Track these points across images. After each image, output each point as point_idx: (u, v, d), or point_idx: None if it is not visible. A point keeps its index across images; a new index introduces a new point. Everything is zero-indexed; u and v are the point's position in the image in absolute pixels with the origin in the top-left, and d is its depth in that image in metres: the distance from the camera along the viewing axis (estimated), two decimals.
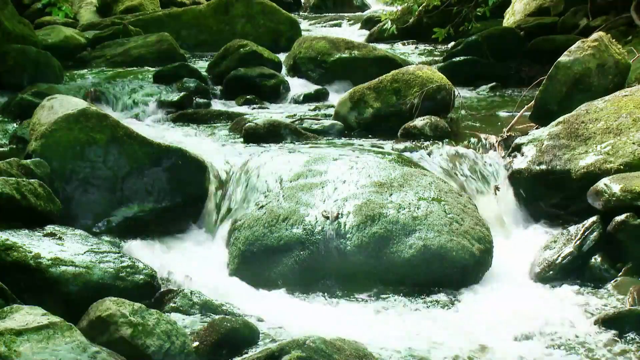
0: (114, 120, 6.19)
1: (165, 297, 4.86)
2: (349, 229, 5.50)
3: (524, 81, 9.70)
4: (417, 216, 5.55)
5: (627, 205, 5.43)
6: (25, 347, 3.57)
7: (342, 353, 3.95)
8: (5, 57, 9.20)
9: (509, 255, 5.76)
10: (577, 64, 7.19)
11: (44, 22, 13.52)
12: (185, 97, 8.95)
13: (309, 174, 6.04)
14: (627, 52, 7.91)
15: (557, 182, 6.25)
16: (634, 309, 4.72)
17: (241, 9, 12.78)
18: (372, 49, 10.50)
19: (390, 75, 7.99)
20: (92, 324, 4.04)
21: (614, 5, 10.72)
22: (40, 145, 5.95)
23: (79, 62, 11.01)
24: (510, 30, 11.45)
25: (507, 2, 12.97)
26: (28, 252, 4.69)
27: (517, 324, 4.77)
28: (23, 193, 5.18)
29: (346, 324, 4.77)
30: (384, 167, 6.07)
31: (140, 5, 15.42)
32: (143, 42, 11.18)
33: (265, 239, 5.58)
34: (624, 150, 6.10)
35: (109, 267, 4.81)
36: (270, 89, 9.56)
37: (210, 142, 7.43)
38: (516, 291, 5.34)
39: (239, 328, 4.36)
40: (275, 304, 5.16)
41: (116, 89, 9.21)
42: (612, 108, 6.51)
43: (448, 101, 7.87)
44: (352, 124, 7.80)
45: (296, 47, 10.64)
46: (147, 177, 6.10)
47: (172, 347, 4.04)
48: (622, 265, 5.40)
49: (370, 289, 5.33)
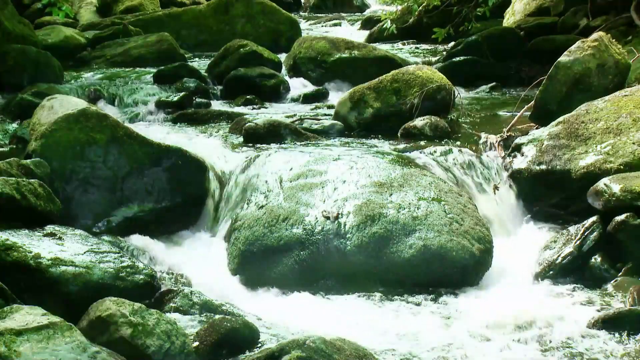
0: (114, 120, 6.20)
1: (165, 297, 4.86)
2: (349, 229, 5.50)
3: (524, 81, 9.69)
4: (417, 216, 5.55)
5: (627, 205, 5.44)
6: (25, 347, 3.57)
7: (342, 353, 3.95)
8: (5, 57, 9.20)
9: (509, 255, 5.76)
10: (577, 64, 7.18)
11: (44, 22, 13.51)
12: (185, 97, 8.94)
13: (309, 174, 6.04)
14: (627, 52, 7.91)
15: (557, 182, 6.26)
16: (634, 309, 4.72)
17: (241, 9, 12.79)
18: (372, 49, 10.50)
19: (390, 75, 7.98)
20: (92, 324, 4.05)
21: (614, 5, 10.71)
22: (40, 145, 5.95)
23: (79, 62, 11.01)
24: (510, 30, 11.44)
25: (507, 2, 12.97)
26: (28, 252, 4.69)
27: (517, 324, 4.77)
28: (23, 193, 5.18)
29: (346, 324, 4.77)
30: (384, 167, 6.07)
31: (140, 5, 15.42)
32: (143, 42, 11.18)
33: (265, 239, 5.58)
34: (624, 150, 6.10)
35: (109, 267, 4.81)
36: (270, 89, 9.55)
37: (210, 142, 7.42)
38: (516, 291, 5.34)
39: (239, 328, 4.35)
40: (275, 304, 5.16)
41: (116, 89, 9.21)
42: (612, 108, 6.51)
43: (448, 101, 7.87)
44: (352, 124, 7.79)
45: (296, 47, 10.63)
46: (147, 177, 6.10)
47: (172, 347, 4.04)
48: (622, 265, 5.40)
49: (370, 289, 5.33)
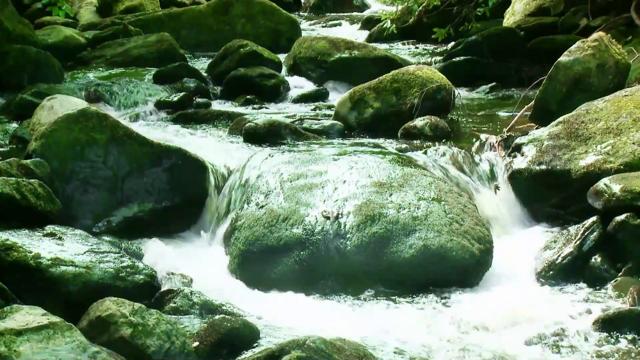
0: (114, 120, 6.20)
1: (165, 297, 4.86)
2: (349, 229, 5.50)
3: (524, 81, 9.70)
4: (417, 216, 5.55)
5: (627, 205, 5.43)
6: (25, 347, 3.57)
7: (342, 353, 3.95)
8: (5, 57, 9.21)
9: (509, 255, 5.75)
10: (577, 64, 7.18)
11: (44, 22, 13.49)
12: (185, 97, 8.94)
13: (309, 173, 6.04)
14: (627, 52, 7.90)
15: (557, 182, 6.25)
16: (634, 309, 4.72)
17: (241, 9, 12.78)
18: (372, 49, 10.50)
19: (390, 75, 7.99)
20: (92, 324, 4.04)
21: (614, 5, 10.72)
22: (40, 145, 5.95)
23: (79, 62, 11.00)
24: (510, 30, 11.45)
25: (507, 2, 12.98)
26: (28, 252, 4.69)
27: (517, 324, 4.77)
28: (23, 193, 5.18)
29: (346, 324, 4.77)
30: (384, 167, 6.07)
31: (140, 5, 15.41)
32: (143, 42, 11.17)
33: (265, 239, 5.58)
34: (624, 150, 6.10)
35: (109, 267, 4.81)
36: (270, 89, 9.56)
37: (210, 142, 7.42)
38: (516, 291, 5.33)
39: (239, 328, 4.35)
40: (275, 304, 5.16)
41: (116, 89, 9.20)
42: (612, 108, 6.51)
43: (448, 101, 7.87)
44: (352, 124, 7.79)
45: (296, 47, 10.63)
46: (147, 177, 6.10)
47: (172, 347, 4.04)
48: (622, 265, 5.40)
49: (370, 289, 5.33)
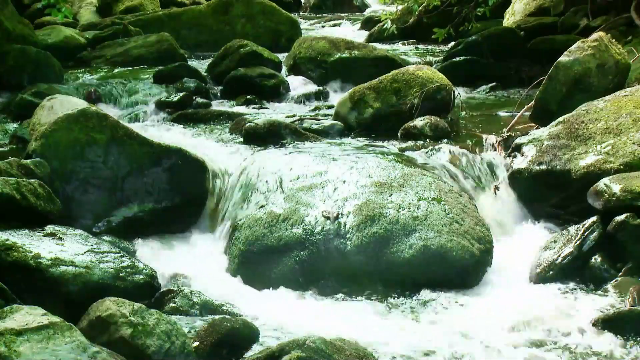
0: (114, 120, 6.20)
1: (165, 297, 4.86)
2: (349, 229, 5.50)
3: (524, 81, 9.70)
4: (417, 216, 5.55)
5: (627, 205, 5.43)
6: (25, 347, 3.58)
7: (342, 353, 3.95)
8: (5, 57, 9.21)
9: (509, 255, 5.75)
10: (577, 64, 7.18)
11: (44, 22, 13.50)
12: (185, 97, 8.94)
13: (309, 173, 6.04)
14: (627, 52, 7.90)
15: (557, 182, 6.25)
16: (634, 309, 4.72)
17: (241, 9, 12.78)
18: (372, 49, 10.50)
19: (390, 75, 7.98)
20: (92, 324, 4.05)
21: (614, 5, 10.72)
22: (40, 145, 5.95)
23: (79, 62, 11.01)
24: (510, 30, 11.44)
25: (507, 2, 12.98)
26: (28, 252, 4.70)
27: (517, 324, 4.78)
28: (23, 193, 5.18)
29: (346, 324, 4.77)
30: (384, 167, 6.07)
31: (140, 5, 15.42)
32: (143, 42, 11.17)
33: (265, 239, 5.58)
34: (624, 150, 6.10)
35: (109, 267, 4.81)
36: (270, 89, 9.55)
37: (210, 142, 7.42)
38: (516, 291, 5.33)
39: (239, 328, 4.36)
40: (275, 304, 5.16)
41: (116, 89, 9.21)
42: (612, 108, 6.51)
43: (448, 101, 7.86)
44: (352, 124, 7.79)
45: (296, 47, 10.63)
46: (147, 177, 6.10)
47: (172, 347, 4.04)
48: (622, 265, 5.40)
49: (370, 289, 5.33)
